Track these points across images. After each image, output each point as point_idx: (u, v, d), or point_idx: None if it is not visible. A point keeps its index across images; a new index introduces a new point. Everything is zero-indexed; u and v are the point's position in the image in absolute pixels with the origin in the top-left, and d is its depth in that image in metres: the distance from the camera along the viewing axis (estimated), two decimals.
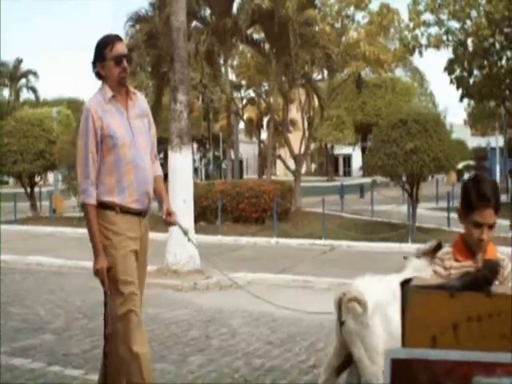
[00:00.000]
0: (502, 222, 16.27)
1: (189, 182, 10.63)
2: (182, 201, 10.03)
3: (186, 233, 4.15)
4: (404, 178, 15.64)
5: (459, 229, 11.53)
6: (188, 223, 9.55)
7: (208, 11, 19.43)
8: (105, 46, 3.81)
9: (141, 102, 4.02)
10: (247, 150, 56.01)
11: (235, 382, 5.05)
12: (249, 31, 19.59)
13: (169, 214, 3.94)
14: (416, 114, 15.49)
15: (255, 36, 20.53)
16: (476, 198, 2.69)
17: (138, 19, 19.79)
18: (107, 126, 3.75)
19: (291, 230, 16.14)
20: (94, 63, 3.87)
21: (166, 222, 3.98)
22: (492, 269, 1.73)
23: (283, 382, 5.05)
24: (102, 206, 3.80)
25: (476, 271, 1.74)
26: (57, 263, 11.93)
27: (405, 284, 1.78)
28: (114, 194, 3.78)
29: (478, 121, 39.57)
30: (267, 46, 19.79)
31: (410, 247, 12.97)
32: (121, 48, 3.84)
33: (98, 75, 3.89)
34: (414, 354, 1.66)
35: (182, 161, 10.36)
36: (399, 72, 49.89)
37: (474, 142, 51.85)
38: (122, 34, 20.52)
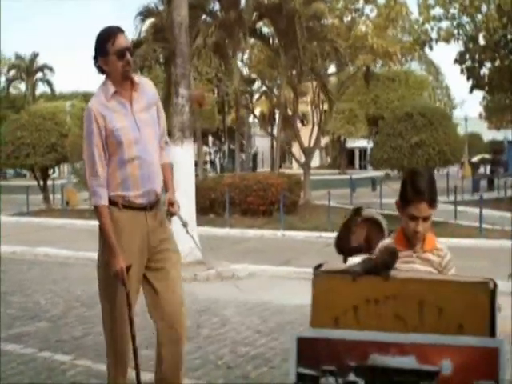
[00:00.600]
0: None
1: (190, 175, 10.78)
2: (183, 194, 10.17)
3: (185, 225, 3.98)
4: None
5: (466, 222, 11.59)
6: (189, 217, 9.71)
7: (217, 5, 19.55)
8: (106, 39, 3.65)
9: (147, 90, 3.85)
10: (263, 144, 56.04)
11: (217, 369, 5.20)
12: (257, 25, 19.70)
13: (170, 203, 3.80)
14: (422, 108, 15.52)
15: (264, 30, 20.62)
16: (411, 192, 2.80)
17: (147, 13, 19.96)
18: (110, 124, 3.62)
19: (298, 223, 16.25)
20: (96, 58, 3.72)
21: (167, 211, 3.84)
22: (391, 255, 1.84)
23: (264, 368, 5.19)
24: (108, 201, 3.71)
25: (376, 257, 1.85)
26: (64, 254, 12.14)
27: (317, 268, 1.90)
28: (117, 191, 3.68)
29: (492, 114, 39.26)
30: (275, 39, 19.87)
31: None
32: (123, 41, 3.68)
33: (100, 70, 3.74)
34: (318, 333, 1.79)
35: (184, 154, 10.49)
36: (414, 65, 49.73)
37: (490, 135, 51.50)
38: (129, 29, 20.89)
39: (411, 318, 1.76)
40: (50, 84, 41.18)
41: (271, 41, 20.38)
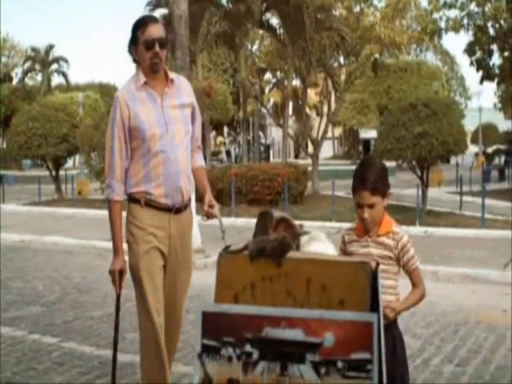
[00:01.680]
0: None
1: None
2: None
3: (223, 232, 3.48)
4: (414, 162, 15.72)
5: (471, 212, 11.66)
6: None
7: None
8: (138, 27, 3.51)
9: (183, 89, 3.67)
10: (279, 134, 56.16)
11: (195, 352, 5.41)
12: (265, 16, 19.82)
13: (210, 205, 3.57)
14: (426, 98, 15.55)
15: (272, 21, 20.73)
16: (355, 181, 2.98)
17: (156, 3, 20.15)
18: (135, 115, 3.46)
19: (302, 213, 16.40)
20: (130, 46, 3.58)
21: (206, 213, 3.59)
22: (281, 244, 2.01)
23: None
24: (129, 198, 3.58)
25: (268, 242, 2.02)
26: (71, 243, 12.40)
27: (225, 250, 2.09)
28: (140, 187, 3.51)
29: (506, 104, 39.03)
30: (283, 30, 19.98)
31: (417, 230, 13.19)
32: (154, 31, 3.48)
33: (134, 58, 3.62)
34: (219, 308, 1.98)
35: None
36: (430, 55, 49.48)
37: (506, 125, 51.07)
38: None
39: (300, 295, 1.94)
40: (65, 75, 41.69)
41: (279, 32, 20.48)
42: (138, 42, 3.50)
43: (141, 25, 3.50)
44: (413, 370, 4.94)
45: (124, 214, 3.63)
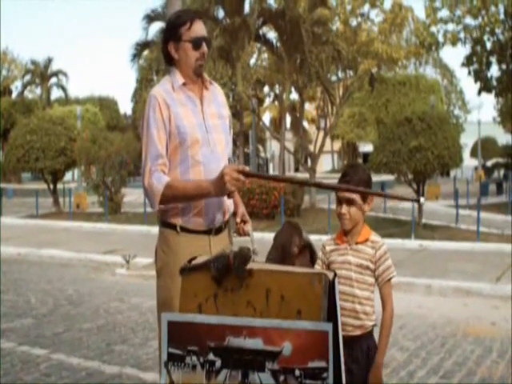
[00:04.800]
0: None
1: None
2: None
3: (254, 251, 2.54)
4: (410, 176, 15.79)
5: (467, 226, 11.71)
6: None
7: (221, 11, 19.83)
8: (181, 23, 3.09)
9: (219, 96, 3.29)
10: (278, 147, 56.19)
11: None
12: (262, 30, 19.97)
13: (244, 221, 3.14)
14: (421, 112, 15.65)
15: (269, 35, 20.88)
16: (339, 179, 3.06)
17: (154, 16, 20.29)
18: (175, 117, 3.03)
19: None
20: (165, 43, 3.15)
21: (237, 229, 3.16)
22: (242, 254, 2.06)
23: None
24: (162, 222, 3.08)
25: (230, 260, 2.07)
26: (67, 256, 12.45)
27: (190, 261, 2.16)
28: (176, 208, 3.02)
29: (505, 118, 39.19)
30: (279, 44, 20.13)
31: (412, 243, 13.24)
32: (201, 28, 3.12)
33: (168, 58, 3.18)
34: (185, 317, 2.04)
35: None
36: (429, 69, 49.75)
37: (505, 139, 51.21)
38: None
39: (260, 305, 2.00)
40: (64, 89, 41.92)
41: (275, 45, 20.63)
42: (182, 38, 3.08)
43: (186, 20, 3.09)
44: (397, 381, 4.98)
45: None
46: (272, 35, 21.03)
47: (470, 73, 23.18)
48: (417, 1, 45.01)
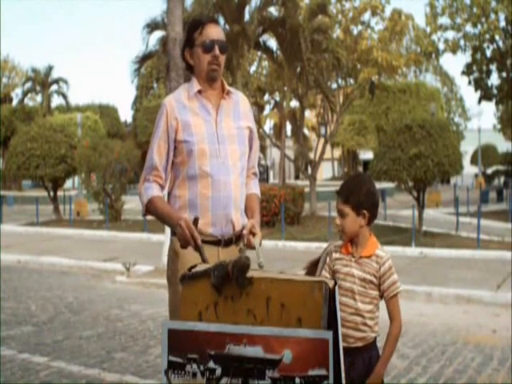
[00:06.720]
0: None
1: None
2: None
3: (260, 265, 2.63)
4: (410, 183, 15.79)
5: (467, 233, 11.72)
6: None
7: (221, 19, 19.88)
8: (194, 28, 3.08)
9: (241, 105, 3.17)
10: (279, 155, 56.24)
11: None
12: (262, 38, 20.02)
13: (252, 232, 2.92)
14: (421, 120, 15.67)
15: (269, 43, 20.95)
16: (337, 191, 3.06)
17: (154, 26, 20.35)
18: (184, 127, 2.99)
19: (300, 234, 16.48)
20: (183, 51, 3.15)
21: (243, 240, 2.95)
22: (240, 263, 2.06)
23: None
24: (174, 231, 2.98)
25: (229, 270, 2.07)
26: (67, 263, 12.44)
27: (190, 269, 2.16)
28: (184, 214, 2.95)
29: (505, 125, 39.26)
30: (280, 52, 20.19)
31: (413, 251, 13.24)
32: (213, 31, 3.06)
33: (188, 66, 3.16)
34: (185, 325, 2.04)
35: None
36: (429, 77, 49.87)
37: (505, 146, 51.29)
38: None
39: (260, 313, 2.00)
40: (64, 96, 41.99)
41: (275, 53, 20.68)
42: (195, 43, 3.06)
43: (198, 25, 3.07)
44: None
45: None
46: (272, 43, 21.11)
47: (470, 82, 23.25)
48: (417, 10, 45.12)
